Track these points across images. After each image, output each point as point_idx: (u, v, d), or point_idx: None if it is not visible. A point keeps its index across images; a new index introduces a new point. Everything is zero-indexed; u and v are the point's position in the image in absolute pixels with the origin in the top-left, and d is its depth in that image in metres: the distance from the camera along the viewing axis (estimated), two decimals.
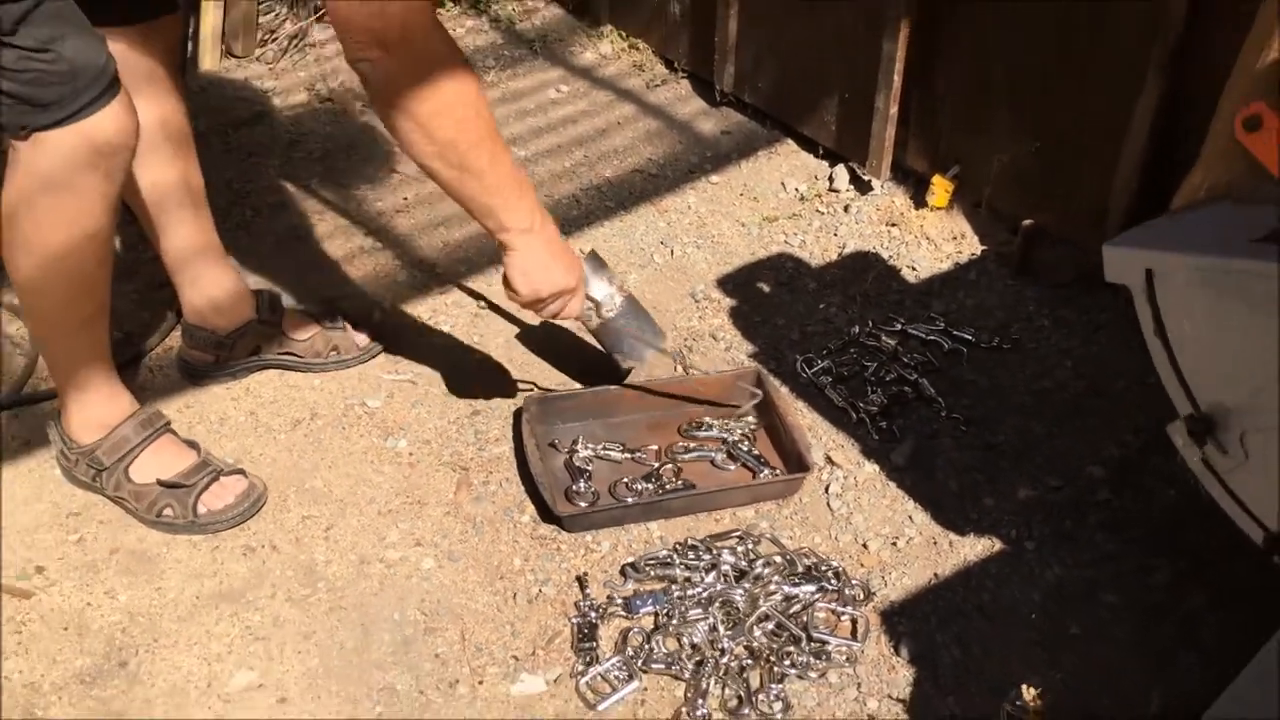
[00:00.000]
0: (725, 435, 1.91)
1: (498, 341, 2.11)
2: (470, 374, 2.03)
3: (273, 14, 2.95)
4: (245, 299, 1.97)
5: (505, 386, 2.00)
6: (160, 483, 1.72)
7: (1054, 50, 2.09)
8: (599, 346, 1.93)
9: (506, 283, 1.70)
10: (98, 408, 1.73)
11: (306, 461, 1.86)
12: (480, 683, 1.55)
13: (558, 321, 1.94)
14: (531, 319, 2.10)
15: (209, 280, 1.93)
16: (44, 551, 1.70)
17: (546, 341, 2.11)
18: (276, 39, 2.91)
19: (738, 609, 1.64)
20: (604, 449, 1.88)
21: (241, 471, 1.78)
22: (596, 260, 1.88)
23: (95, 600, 1.64)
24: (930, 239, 2.35)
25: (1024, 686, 1.35)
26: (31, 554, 1.70)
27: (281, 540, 1.73)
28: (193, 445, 1.79)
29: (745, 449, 1.89)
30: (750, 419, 1.94)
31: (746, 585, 1.67)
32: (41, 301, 1.62)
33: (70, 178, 1.50)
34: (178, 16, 1.81)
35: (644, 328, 1.91)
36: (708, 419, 1.93)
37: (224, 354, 1.98)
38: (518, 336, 2.12)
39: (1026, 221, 2.22)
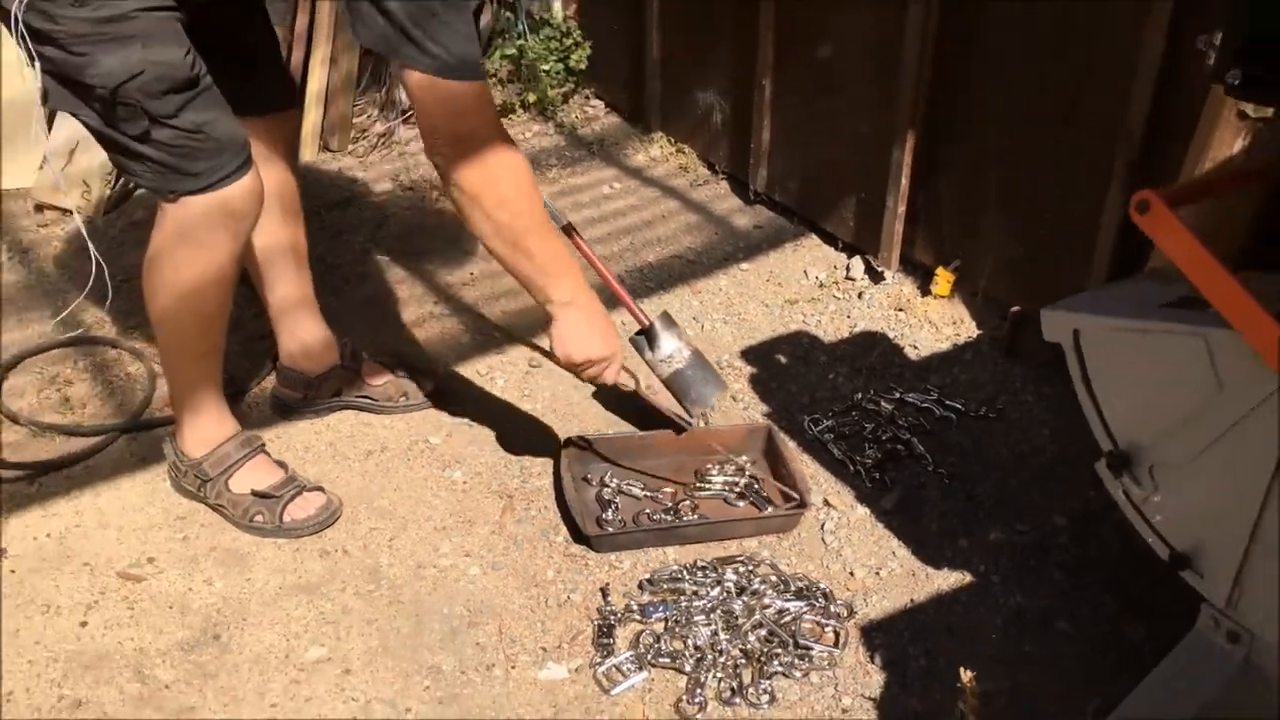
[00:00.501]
0: (736, 478, 2.20)
1: (544, 395, 2.43)
2: (519, 420, 2.35)
3: (365, 115, 3.36)
4: (332, 348, 2.31)
5: (548, 431, 2.32)
6: (254, 493, 2.05)
7: (1037, 161, 2.41)
8: (670, 392, 2.20)
9: (550, 346, 1.99)
10: (207, 428, 2.07)
11: (375, 485, 2.18)
12: (513, 668, 1.83)
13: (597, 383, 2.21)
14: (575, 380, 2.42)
15: (303, 329, 2.28)
16: (155, 546, 2.02)
17: (585, 397, 2.42)
18: (367, 136, 3.32)
19: (736, 617, 1.90)
20: (629, 485, 2.18)
21: (321, 489, 2.10)
22: (667, 319, 2.18)
23: (195, 586, 1.96)
24: (932, 322, 2.65)
25: (962, 669, 1.60)
26: (145, 548, 2.02)
27: (352, 546, 2.04)
28: (282, 465, 2.12)
29: (753, 489, 2.18)
30: (756, 463, 2.23)
31: (745, 599, 1.94)
32: (172, 335, 1.97)
33: (205, 234, 1.86)
34: (296, 111, 2.19)
35: (709, 377, 2.20)
36: (721, 463, 2.22)
37: (311, 393, 2.32)
38: (561, 391, 2.43)
39: (1014, 308, 2.50)
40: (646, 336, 2.16)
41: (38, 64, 1.73)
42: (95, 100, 1.74)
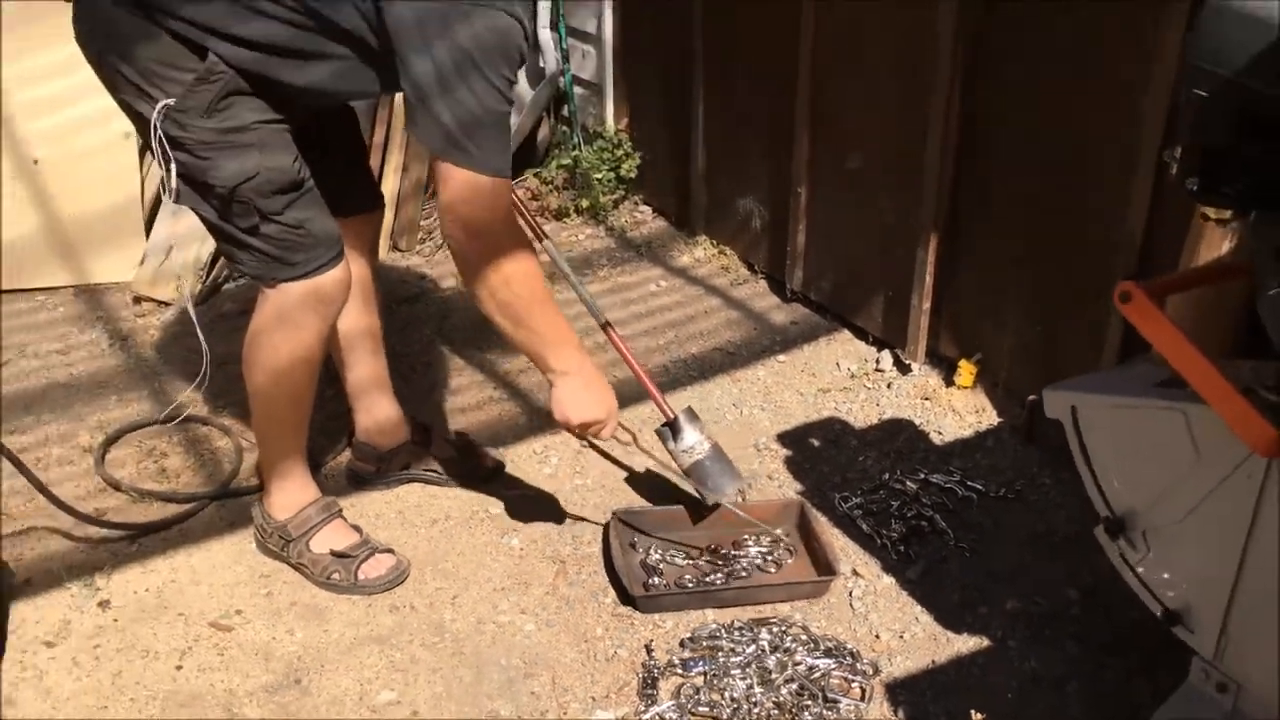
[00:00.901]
0: (770, 548, 2.38)
1: (594, 472, 2.64)
2: (570, 494, 2.56)
3: (431, 218, 3.65)
4: (403, 425, 2.54)
5: (597, 504, 2.52)
6: (332, 553, 2.26)
7: (1050, 261, 2.62)
8: (688, 480, 2.42)
9: (552, 408, 2.18)
10: (292, 493, 2.29)
11: (440, 549, 2.38)
12: (565, 714, 2.01)
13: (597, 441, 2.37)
14: (625, 456, 2.64)
15: (378, 408, 2.51)
16: (242, 600, 2.24)
17: (631, 475, 2.62)
18: (433, 237, 3.60)
19: (770, 673, 2.07)
20: (671, 553, 2.37)
21: (392, 551, 2.31)
22: (691, 414, 2.41)
23: (279, 636, 2.16)
24: (956, 411, 2.84)
25: (972, 711, 1.76)
26: (233, 601, 2.23)
27: (419, 603, 2.24)
28: (357, 529, 2.33)
29: (787, 559, 2.36)
30: (789, 535, 2.41)
31: (778, 656, 2.11)
32: (266, 407, 2.21)
33: (299, 317, 2.10)
34: (379, 213, 2.46)
35: (725, 469, 2.42)
36: (756, 535, 2.41)
37: (383, 466, 2.54)
38: (610, 469, 2.64)
39: (1031, 397, 2.69)
40: (671, 428, 2.39)
41: (171, 166, 2.00)
42: (215, 198, 2.01)
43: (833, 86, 3.00)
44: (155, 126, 1.97)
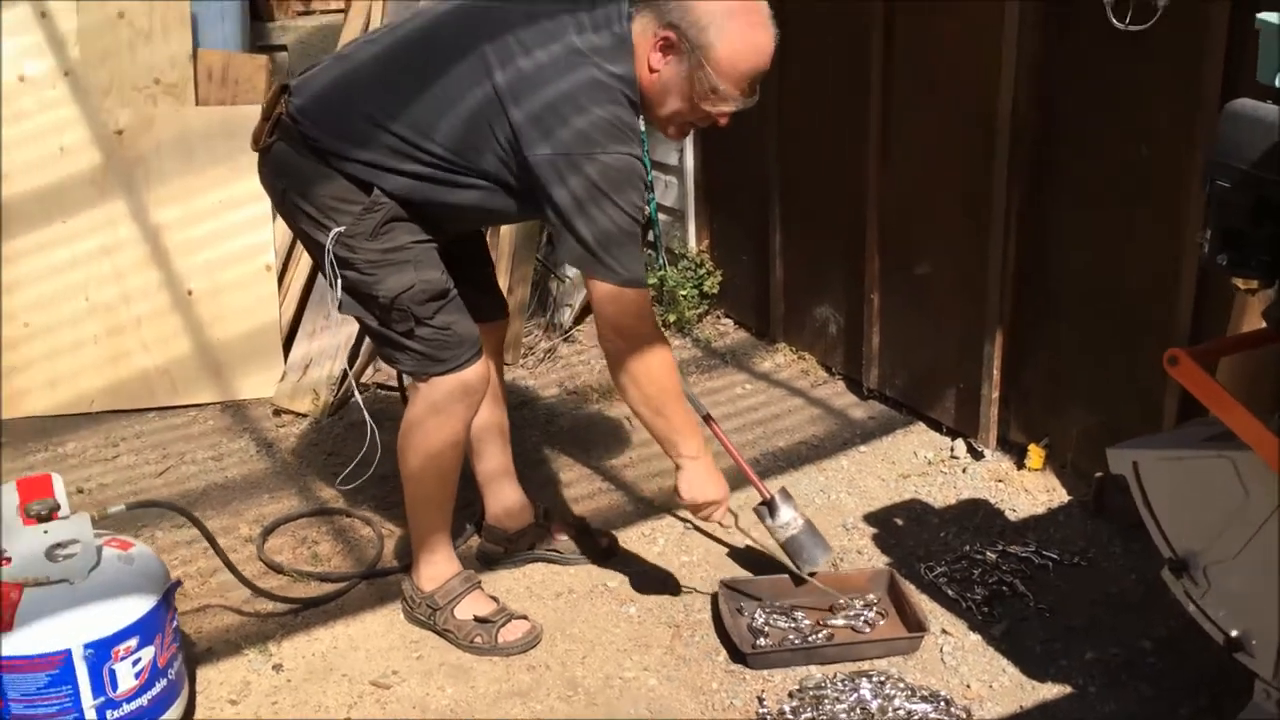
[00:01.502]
0: (865, 610, 2.63)
1: (699, 550, 2.91)
2: (679, 569, 2.83)
3: (533, 335, 4.00)
4: (528, 509, 2.84)
5: (704, 576, 2.78)
6: (475, 619, 2.54)
7: (1108, 349, 2.90)
8: (784, 554, 2.69)
9: (676, 489, 2.49)
10: (439, 565, 2.59)
11: (566, 618, 2.66)
12: None
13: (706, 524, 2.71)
14: (724, 535, 2.91)
15: (505, 495, 2.82)
16: (397, 662, 2.52)
17: (732, 550, 2.89)
18: (535, 352, 3.95)
19: (873, 716, 2.31)
20: (775, 616, 2.62)
21: (526, 617, 2.59)
22: (785, 494, 2.70)
23: (431, 692, 2.43)
24: (1028, 491, 3.09)
25: None
26: (388, 663, 2.51)
27: (552, 663, 2.51)
28: (494, 598, 2.62)
29: (879, 622, 2.60)
30: (880, 600, 2.66)
31: (879, 701, 2.34)
32: (418, 488, 2.53)
33: (448, 406, 2.43)
34: (505, 321, 2.81)
35: (818, 543, 2.69)
36: (852, 599, 2.65)
37: (510, 547, 2.83)
38: (713, 547, 2.91)
39: (1098, 474, 2.94)
40: (768, 507, 2.67)
41: (339, 282, 2.36)
42: (377, 307, 2.36)
43: (899, 206, 3.34)
44: (329, 250, 2.34)
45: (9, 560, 2.07)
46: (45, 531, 2.06)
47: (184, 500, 3.15)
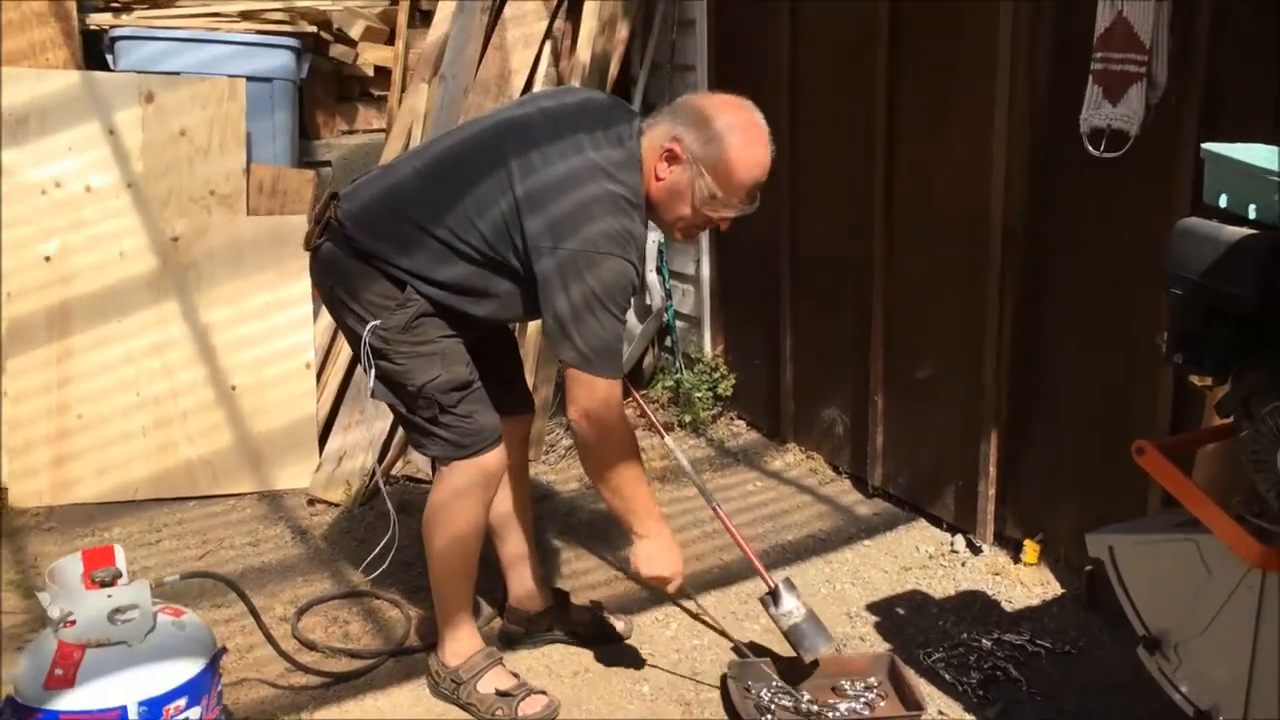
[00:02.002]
0: (865, 692, 2.77)
1: (709, 635, 3.07)
2: (691, 651, 2.98)
3: (554, 433, 4.21)
4: (548, 593, 3.01)
5: (714, 658, 2.94)
6: (497, 692, 2.70)
7: (1097, 451, 3.08)
8: (788, 641, 2.84)
9: (631, 561, 2.66)
10: (463, 642, 2.75)
11: (583, 694, 2.81)
12: None
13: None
14: (732, 627, 3.06)
15: (527, 577, 2.99)
16: None
17: (744, 636, 3.05)
18: (556, 449, 4.15)
19: None
20: (780, 696, 2.76)
21: (545, 692, 2.74)
22: (789, 584, 2.86)
23: None
24: (1023, 583, 3.24)
25: None
26: None
27: None
28: (515, 674, 2.78)
29: (879, 703, 2.74)
30: (881, 684, 2.80)
31: None
32: (443, 566, 2.71)
33: (468, 490, 2.63)
34: (531, 415, 3.02)
35: (818, 631, 2.84)
36: (852, 681, 2.80)
37: (530, 628, 3.00)
38: (725, 629, 3.07)
39: (1089, 567, 3.10)
40: (772, 596, 2.83)
41: (373, 370, 2.58)
42: (406, 395, 2.58)
43: (901, 313, 3.57)
44: (365, 341, 2.56)
45: (74, 622, 2.26)
46: (109, 596, 2.25)
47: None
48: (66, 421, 3.78)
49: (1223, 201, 1.96)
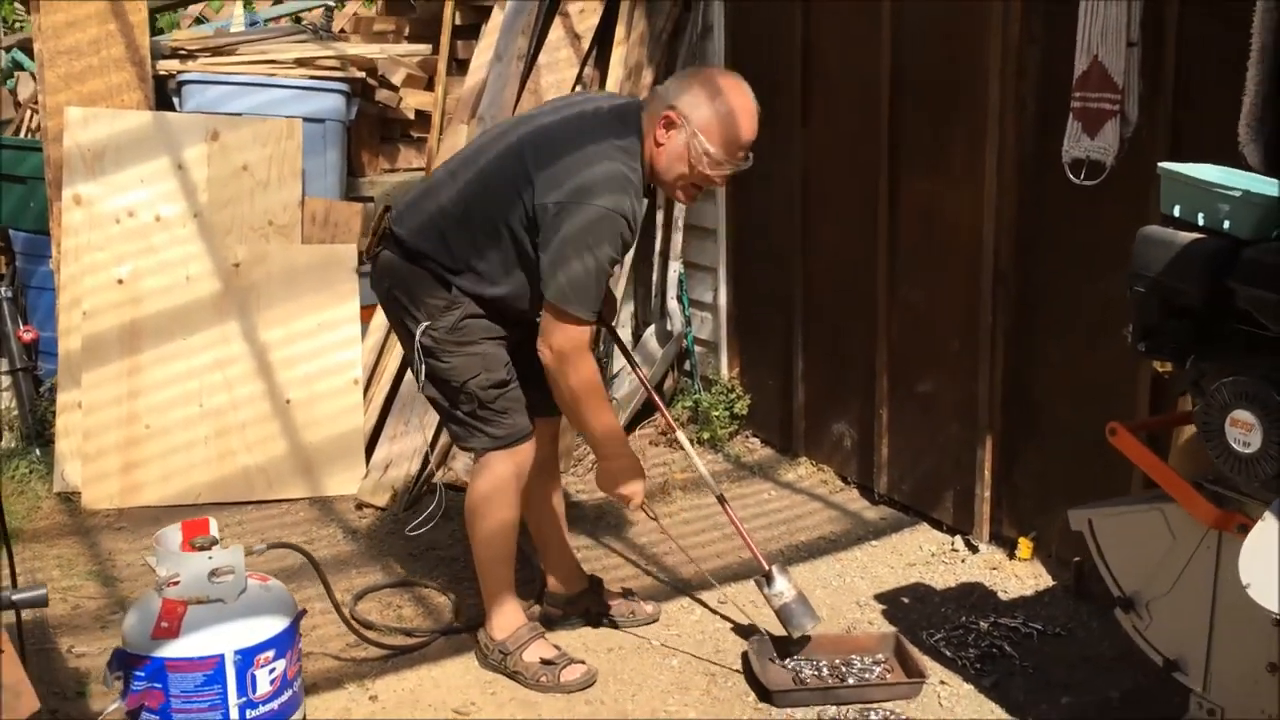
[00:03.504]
0: (874, 667, 3.06)
1: (731, 618, 3.36)
2: (713, 631, 3.28)
3: (580, 447, 4.52)
4: (583, 577, 3.31)
5: (734, 637, 3.23)
6: (541, 660, 2.99)
7: (1084, 452, 3.39)
8: (778, 618, 3.14)
9: (595, 480, 2.99)
10: (508, 616, 3.05)
11: (617, 667, 3.10)
12: None
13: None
14: (753, 614, 3.36)
15: (563, 562, 3.29)
16: (474, 696, 2.96)
17: (762, 620, 3.34)
18: (584, 461, 4.46)
19: None
20: (800, 663, 3.06)
21: (584, 661, 3.04)
22: (781, 567, 3.15)
23: (504, 719, 2.88)
24: (1018, 577, 3.54)
25: None
26: (466, 697, 2.96)
27: (606, 699, 2.95)
28: (557, 646, 3.07)
29: (886, 676, 3.03)
30: (888, 659, 3.09)
31: None
32: (486, 550, 3.01)
33: (505, 479, 2.93)
34: (559, 417, 3.31)
35: (806, 610, 3.13)
36: (863, 656, 3.09)
37: (567, 609, 3.29)
38: (743, 617, 3.37)
39: (1077, 559, 3.39)
40: (766, 578, 3.13)
41: (423, 367, 2.90)
42: (450, 390, 2.90)
43: (904, 334, 3.90)
44: (417, 338, 2.89)
45: (177, 582, 2.57)
46: (209, 558, 2.56)
47: (283, 577, 3.63)
48: (135, 431, 4.10)
49: (1176, 211, 2.30)
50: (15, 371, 4.49)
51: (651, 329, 4.86)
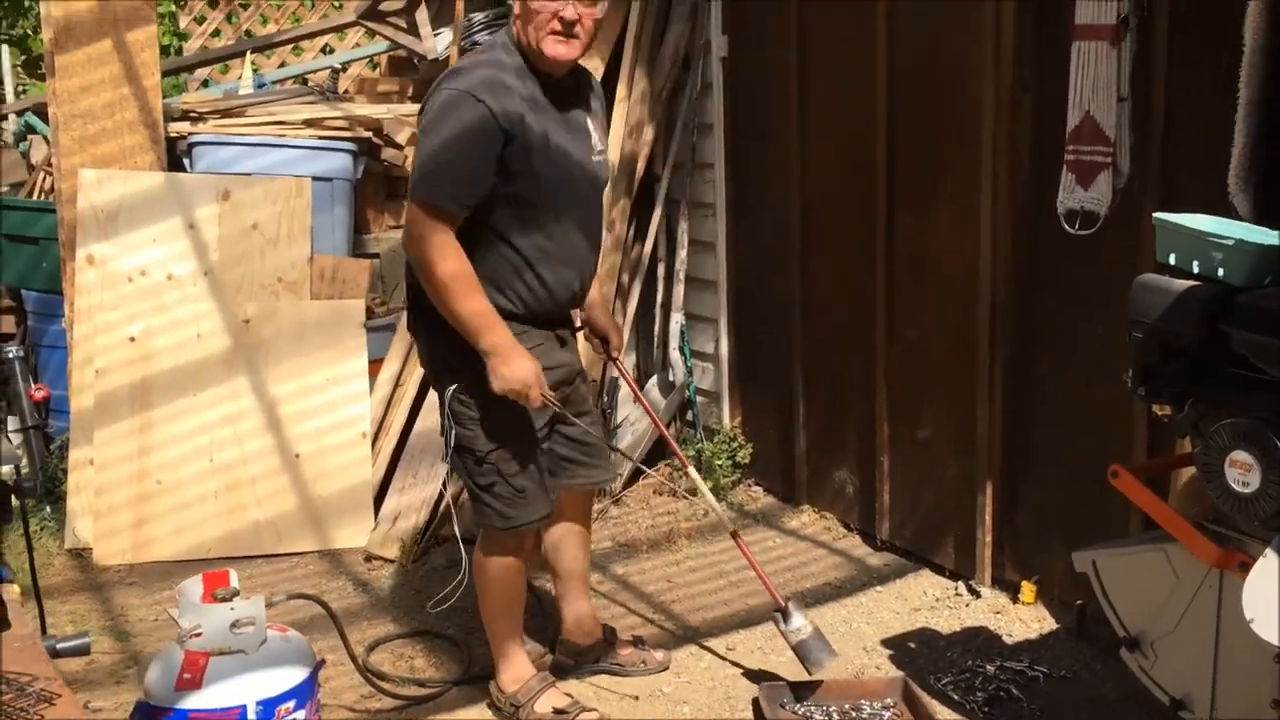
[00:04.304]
0: (883, 712, 3.10)
1: (741, 664, 3.40)
2: (723, 678, 3.32)
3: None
4: (596, 627, 3.35)
5: (745, 684, 3.27)
6: (554, 710, 3.03)
7: (1084, 495, 3.45)
8: (795, 654, 3.18)
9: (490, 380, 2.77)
10: (517, 669, 3.09)
11: (630, 713, 3.14)
12: None
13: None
14: (762, 661, 3.40)
15: (581, 613, 3.33)
16: None
17: (773, 665, 3.38)
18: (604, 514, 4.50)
19: None
20: (810, 708, 3.09)
21: (596, 710, 3.07)
22: (798, 603, 3.21)
23: None
24: (1022, 620, 3.58)
25: None
26: None
27: None
28: (569, 694, 3.11)
29: (896, 718, 3.07)
30: (895, 704, 3.13)
31: None
32: (493, 604, 3.05)
33: (504, 558, 2.99)
34: (593, 490, 3.37)
35: (823, 647, 3.19)
36: (872, 701, 3.13)
37: (580, 660, 3.33)
38: (755, 663, 3.40)
39: (1079, 602, 3.44)
40: (782, 614, 3.18)
41: (452, 432, 2.95)
42: (471, 458, 2.94)
43: (903, 380, 3.97)
44: (446, 403, 2.94)
45: (200, 633, 2.61)
46: (231, 609, 2.60)
47: (295, 628, 3.66)
48: (146, 486, 4.15)
49: (1171, 259, 2.38)
50: (27, 429, 4.54)
51: (654, 380, 4.93)
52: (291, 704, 2.62)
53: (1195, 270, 2.33)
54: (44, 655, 2.06)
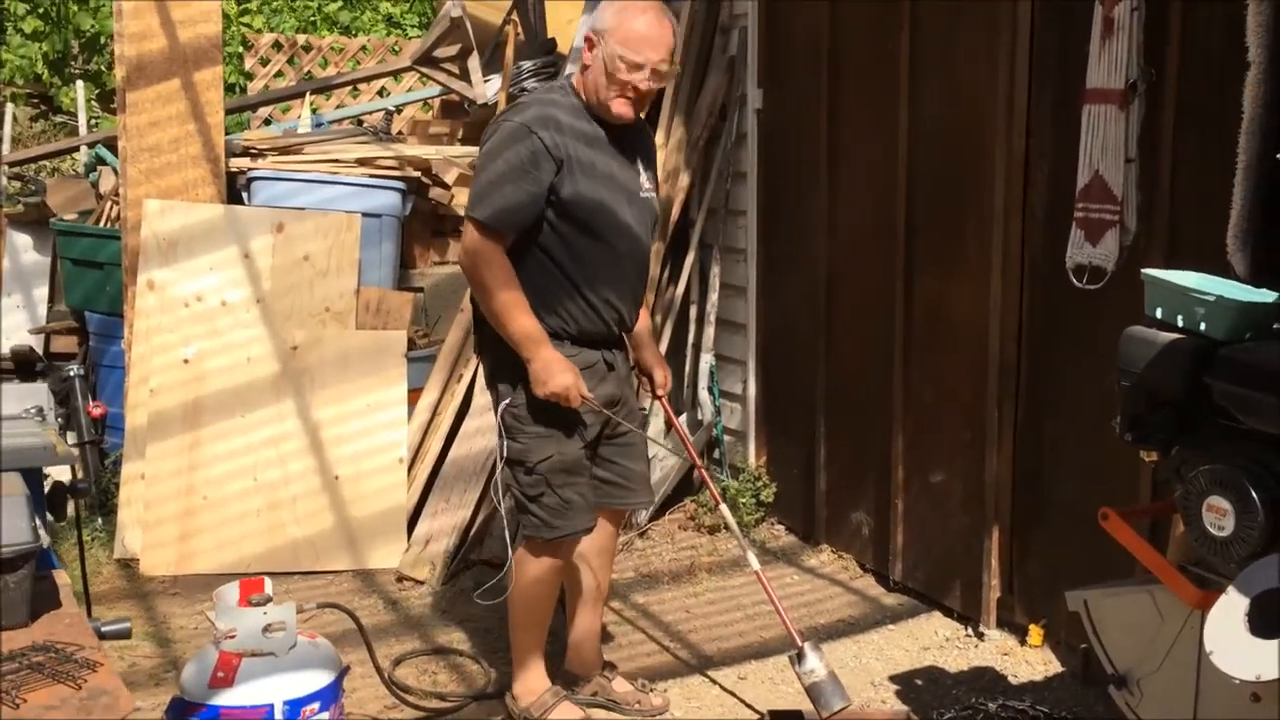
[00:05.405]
0: None
1: (748, 695, 3.52)
2: (732, 708, 3.43)
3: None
4: (599, 662, 3.47)
5: (753, 716, 3.39)
6: None
7: (1091, 541, 3.54)
8: (808, 696, 3.29)
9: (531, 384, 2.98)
10: (533, 681, 3.23)
11: None
12: None
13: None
14: (769, 694, 3.51)
15: (586, 646, 3.45)
16: None
17: (781, 696, 3.49)
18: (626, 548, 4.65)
19: None
20: None
21: None
22: (814, 645, 3.33)
23: None
24: (1028, 662, 3.67)
25: None
26: None
27: None
28: (582, 708, 3.24)
29: None
30: None
31: None
32: (522, 612, 3.20)
33: (544, 558, 3.13)
34: (623, 511, 3.52)
35: (836, 690, 3.30)
36: None
37: (575, 690, 3.43)
38: (762, 694, 3.52)
39: (1084, 645, 3.52)
40: (799, 655, 3.29)
41: (505, 444, 3.11)
42: (521, 470, 3.11)
43: (918, 426, 4.09)
44: (499, 418, 3.10)
45: (234, 635, 2.78)
46: (264, 613, 2.78)
47: (326, 639, 3.84)
48: (193, 501, 4.35)
49: (1158, 313, 2.51)
50: (83, 444, 4.77)
51: (684, 418, 5.08)
52: (316, 705, 2.78)
53: (1180, 324, 2.45)
54: (90, 631, 2.24)
